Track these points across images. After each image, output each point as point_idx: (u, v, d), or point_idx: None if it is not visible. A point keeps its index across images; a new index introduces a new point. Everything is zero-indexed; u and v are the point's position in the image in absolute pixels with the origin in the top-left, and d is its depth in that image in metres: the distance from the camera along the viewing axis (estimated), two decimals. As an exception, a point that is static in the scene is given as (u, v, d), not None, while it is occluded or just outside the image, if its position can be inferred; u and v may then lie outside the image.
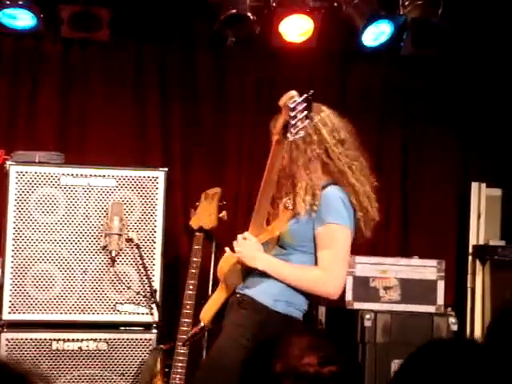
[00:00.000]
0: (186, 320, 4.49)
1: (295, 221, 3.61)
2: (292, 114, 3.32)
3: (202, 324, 3.77)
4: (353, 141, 3.74)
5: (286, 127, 3.36)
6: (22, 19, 5.21)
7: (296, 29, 5.49)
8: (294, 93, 3.34)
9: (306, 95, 3.34)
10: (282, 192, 3.72)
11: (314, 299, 3.72)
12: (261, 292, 3.61)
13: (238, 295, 3.67)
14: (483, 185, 5.81)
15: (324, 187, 3.61)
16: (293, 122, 3.32)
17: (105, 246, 4.61)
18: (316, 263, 3.61)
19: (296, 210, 3.59)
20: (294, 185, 3.64)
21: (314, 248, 3.61)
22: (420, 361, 1.40)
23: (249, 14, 5.28)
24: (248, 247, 3.61)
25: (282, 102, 3.36)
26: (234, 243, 3.65)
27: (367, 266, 5.22)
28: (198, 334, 3.80)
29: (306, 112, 3.32)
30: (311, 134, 3.64)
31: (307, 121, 3.35)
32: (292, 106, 3.30)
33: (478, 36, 5.82)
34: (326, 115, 3.74)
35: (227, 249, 3.70)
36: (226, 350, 3.53)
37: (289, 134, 3.34)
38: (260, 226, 3.61)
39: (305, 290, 3.61)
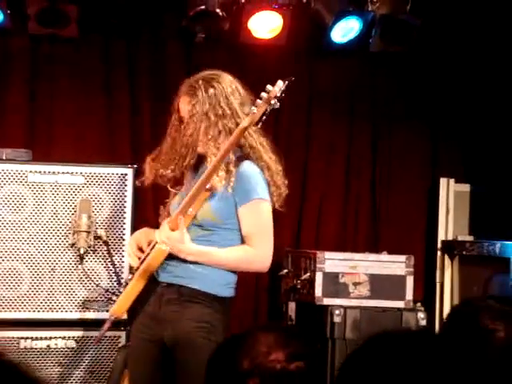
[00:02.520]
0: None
1: (215, 199, 3.59)
2: (273, 101, 3.38)
3: (112, 318, 3.78)
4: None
5: (263, 115, 3.41)
6: (-11, 15, 5.17)
7: (265, 25, 5.50)
8: (282, 83, 3.40)
9: (287, 82, 3.39)
10: (185, 169, 3.71)
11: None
12: (203, 282, 3.60)
13: (164, 284, 3.65)
14: (452, 180, 5.85)
15: (237, 162, 3.60)
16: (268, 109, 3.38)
17: (73, 244, 4.58)
18: (242, 239, 3.63)
19: (212, 186, 3.57)
20: (200, 161, 3.63)
21: (237, 224, 3.62)
22: (364, 354, 1.41)
23: (217, 11, 5.27)
24: (172, 241, 3.59)
25: (275, 93, 3.39)
26: (157, 237, 3.63)
27: (336, 261, 5.23)
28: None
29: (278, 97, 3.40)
30: (223, 106, 3.63)
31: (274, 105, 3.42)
32: (279, 95, 3.37)
33: (446, 32, 5.85)
34: (236, 87, 3.71)
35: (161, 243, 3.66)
36: (204, 355, 3.53)
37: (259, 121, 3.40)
38: (185, 213, 3.60)
39: (240, 270, 3.65)
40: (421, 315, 5.15)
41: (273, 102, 3.43)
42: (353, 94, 5.95)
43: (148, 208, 5.40)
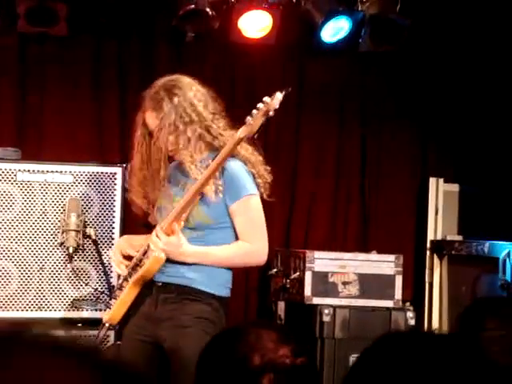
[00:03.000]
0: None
1: (205, 202, 3.61)
2: (271, 113, 3.41)
3: (106, 325, 3.80)
4: (221, 109, 3.73)
5: (261, 127, 3.43)
6: (-22, 14, 5.15)
7: (255, 24, 5.49)
8: (280, 95, 3.42)
9: (284, 93, 3.42)
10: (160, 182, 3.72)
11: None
12: (201, 281, 3.61)
13: (159, 284, 3.65)
14: (441, 180, 5.86)
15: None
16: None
17: (62, 243, 4.57)
18: (236, 236, 3.64)
19: (205, 193, 3.58)
20: (180, 170, 3.65)
21: (230, 222, 3.63)
22: (376, 354, 1.41)
23: (207, 10, 5.27)
24: (171, 247, 3.59)
25: (275, 106, 3.41)
26: (153, 245, 3.64)
27: (326, 261, 5.24)
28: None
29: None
30: (189, 113, 3.63)
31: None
32: (277, 107, 3.40)
33: (436, 32, 5.86)
34: (196, 89, 3.70)
35: (154, 249, 3.66)
36: (200, 345, 3.52)
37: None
38: (179, 218, 3.61)
39: (239, 267, 3.69)
40: (410, 315, 5.16)
41: (271, 113, 3.45)
42: (342, 93, 5.96)
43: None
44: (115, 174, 4.68)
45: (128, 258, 3.82)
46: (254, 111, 3.50)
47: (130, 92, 5.62)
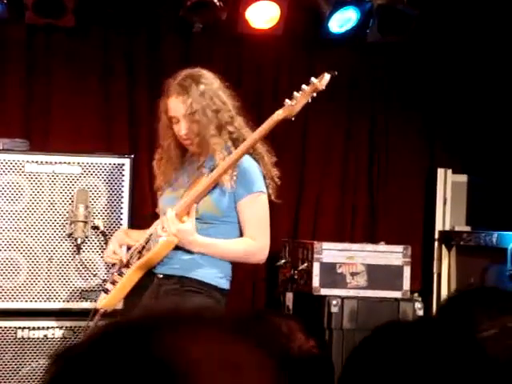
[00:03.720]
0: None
1: (216, 192, 3.61)
2: (314, 96, 3.45)
3: (102, 310, 3.78)
4: (239, 106, 3.74)
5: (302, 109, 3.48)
6: (-14, 5, 5.15)
7: (262, 15, 5.49)
8: (328, 76, 3.45)
9: (331, 75, 3.44)
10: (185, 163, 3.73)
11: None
12: (204, 273, 3.62)
13: (160, 275, 3.65)
14: (449, 171, 5.85)
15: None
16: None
17: (70, 234, 4.58)
18: (239, 232, 3.65)
19: (220, 182, 3.59)
20: (205, 155, 3.65)
21: (236, 217, 3.64)
22: (374, 343, 1.41)
23: (215, 1, 5.26)
24: (183, 233, 3.59)
25: (322, 87, 3.42)
26: (166, 226, 3.62)
27: (334, 252, 5.23)
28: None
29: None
30: (216, 102, 3.64)
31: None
32: (324, 88, 3.42)
33: (444, 22, 5.84)
34: (220, 82, 3.74)
35: (163, 234, 3.66)
36: None
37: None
38: (191, 205, 3.60)
39: (240, 262, 3.69)
40: (418, 305, 5.16)
41: (314, 95, 3.49)
42: (350, 84, 5.94)
43: (145, 198, 5.40)
44: (123, 165, 4.68)
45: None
46: (296, 93, 3.52)
47: (137, 83, 5.63)
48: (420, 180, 6.01)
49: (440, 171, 5.84)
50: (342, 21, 5.56)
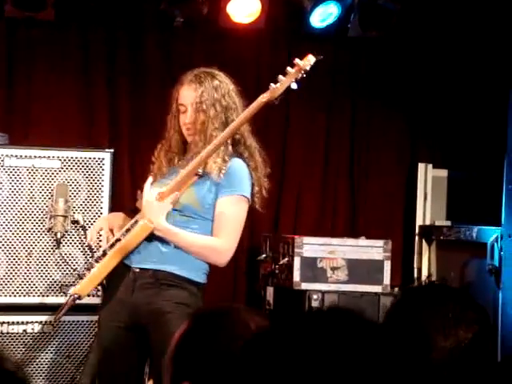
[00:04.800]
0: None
1: (200, 185, 3.60)
2: (299, 76, 3.42)
3: (75, 296, 3.73)
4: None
5: (286, 90, 3.45)
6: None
7: (243, 10, 5.48)
8: (313, 58, 3.43)
9: (316, 59, 3.41)
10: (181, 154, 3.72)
11: None
12: (180, 266, 3.60)
13: (136, 269, 3.64)
14: (430, 166, 5.86)
15: (231, 157, 3.63)
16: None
17: (50, 228, 4.56)
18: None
19: (207, 170, 3.57)
20: (204, 144, 3.63)
21: (213, 214, 3.62)
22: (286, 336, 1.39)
23: (196, -5, 5.25)
24: (151, 209, 3.57)
25: (306, 68, 3.41)
26: (145, 199, 3.60)
27: (315, 246, 5.24)
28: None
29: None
30: (227, 100, 3.64)
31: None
32: (308, 70, 3.40)
33: (425, 18, 5.85)
34: (233, 86, 3.73)
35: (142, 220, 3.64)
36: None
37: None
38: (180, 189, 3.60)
39: (199, 258, 3.63)
40: (398, 300, 5.17)
41: (299, 76, 3.46)
42: (331, 79, 5.95)
43: (125, 192, 5.39)
44: (103, 159, 4.66)
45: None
46: (281, 76, 3.51)
47: (118, 77, 5.61)
48: (401, 175, 6.03)
49: (420, 166, 5.86)
50: (324, 15, 5.56)
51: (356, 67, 5.96)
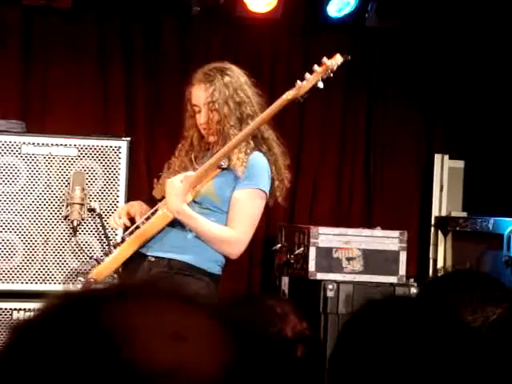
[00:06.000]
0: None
1: (220, 179, 3.59)
2: (326, 75, 3.40)
3: (92, 280, 3.74)
4: (263, 105, 3.73)
5: (312, 88, 3.43)
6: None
7: (261, -2, 5.47)
8: (341, 58, 3.41)
9: (344, 60, 3.40)
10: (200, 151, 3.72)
11: None
12: (194, 256, 3.60)
13: (151, 258, 3.64)
14: (446, 156, 5.85)
15: (251, 150, 3.62)
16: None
17: (66, 216, 4.57)
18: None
19: (231, 166, 3.56)
20: (223, 143, 3.62)
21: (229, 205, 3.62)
22: (356, 326, 1.41)
23: (213, -17, 5.25)
24: (174, 190, 3.55)
25: (333, 67, 3.40)
26: (169, 180, 3.59)
27: (330, 236, 5.24)
28: None
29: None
30: (240, 94, 3.63)
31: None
32: (335, 69, 3.38)
33: (444, 7, 5.82)
34: (245, 79, 3.71)
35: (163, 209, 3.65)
36: None
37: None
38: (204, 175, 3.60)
39: (213, 246, 3.62)
40: (413, 291, 5.16)
41: (326, 75, 3.45)
42: (348, 68, 5.92)
43: (142, 181, 5.40)
44: (120, 147, 4.67)
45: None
46: (307, 74, 3.49)
47: (135, 65, 5.61)
48: (417, 166, 6.01)
49: (437, 157, 5.84)
50: (341, 5, 5.54)
51: (372, 57, 5.94)
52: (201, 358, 0.89)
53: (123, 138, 4.73)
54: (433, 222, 5.78)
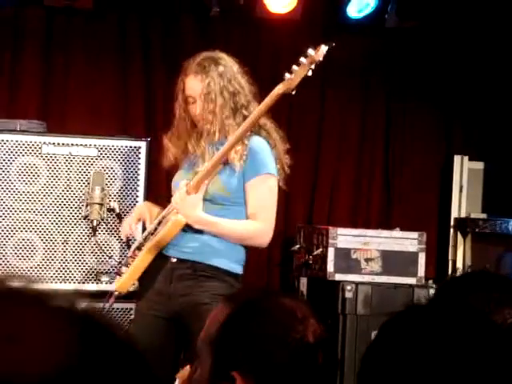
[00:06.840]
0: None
1: (225, 172, 3.60)
2: (313, 66, 3.42)
3: (116, 293, 3.77)
4: (256, 93, 3.74)
5: (301, 80, 3.45)
6: (4, -13, 5.17)
7: (280, 0, 5.47)
8: (325, 48, 3.42)
9: (328, 47, 3.42)
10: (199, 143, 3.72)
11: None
12: (217, 258, 3.61)
13: (174, 260, 3.65)
14: (466, 158, 5.83)
15: (249, 137, 3.62)
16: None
17: (86, 216, 4.60)
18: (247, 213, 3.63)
19: (230, 161, 3.58)
20: (219, 137, 3.63)
21: (244, 198, 3.62)
22: (395, 328, 1.40)
23: (233, -16, 5.26)
24: (185, 205, 3.57)
25: (319, 58, 3.40)
26: (174, 200, 3.62)
27: (349, 237, 5.23)
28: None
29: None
30: (234, 84, 3.64)
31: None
32: (321, 59, 3.40)
33: (464, 8, 5.80)
34: (237, 68, 3.72)
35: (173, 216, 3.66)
36: None
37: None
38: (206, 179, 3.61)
39: (242, 243, 3.64)
40: (432, 292, 5.15)
41: (313, 66, 3.46)
42: (367, 70, 5.93)
43: (161, 181, 5.40)
44: (139, 147, 4.69)
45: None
46: (295, 66, 3.50)
47: (154, 67, 5.63)
48: (436, 167, 6.00)
49: (456, 158, 5.82)
50: (361, 6, 5.54)
51: (393, 58, 5.93)
52: (36, 359, 0.87)
53: (143, 139, 4.75)
54: (452, 223, 5.77)
